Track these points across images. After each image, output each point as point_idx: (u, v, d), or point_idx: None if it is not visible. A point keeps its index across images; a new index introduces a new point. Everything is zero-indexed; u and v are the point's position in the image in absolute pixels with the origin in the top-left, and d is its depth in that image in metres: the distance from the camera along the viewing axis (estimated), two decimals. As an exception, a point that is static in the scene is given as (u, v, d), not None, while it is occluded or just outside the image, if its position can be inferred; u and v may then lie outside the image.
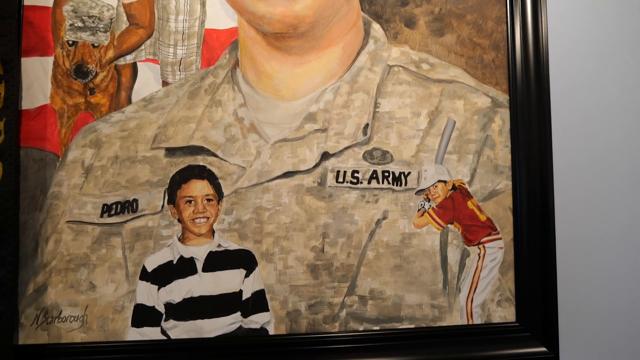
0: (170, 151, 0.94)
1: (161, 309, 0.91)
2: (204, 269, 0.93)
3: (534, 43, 1.00)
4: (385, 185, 0.97)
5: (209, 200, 0.93)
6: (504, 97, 1.00)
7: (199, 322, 0.92)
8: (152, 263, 0.92)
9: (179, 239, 0.93)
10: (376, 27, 0.99)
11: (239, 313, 0.93)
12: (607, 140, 1.04)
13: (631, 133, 1.05)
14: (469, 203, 0.99)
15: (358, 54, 0.98)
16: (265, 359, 0.92)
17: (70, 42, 0.92)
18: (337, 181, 0.96)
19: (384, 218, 0.97)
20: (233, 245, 0.94)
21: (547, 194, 0.99)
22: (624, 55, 1.05)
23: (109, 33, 0.94)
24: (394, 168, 0.98)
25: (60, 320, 0.90)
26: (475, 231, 0.99)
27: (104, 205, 0.92)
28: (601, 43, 1.05)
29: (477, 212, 0.99)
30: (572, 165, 1.03)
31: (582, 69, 1.04)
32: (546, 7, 1.00)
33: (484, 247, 0.99)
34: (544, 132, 0.99)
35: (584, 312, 1.04)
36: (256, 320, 0.94)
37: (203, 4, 0.95)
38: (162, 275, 0.92)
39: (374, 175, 0.97)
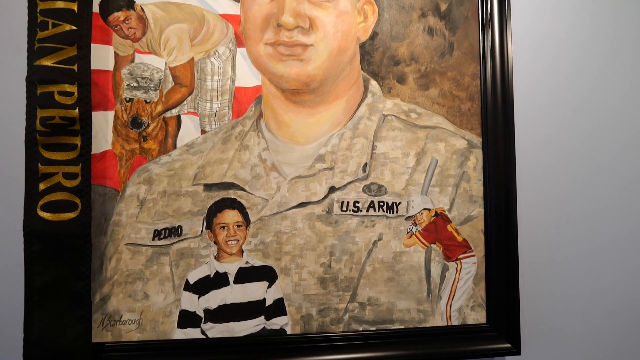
0: (208, 187, 1.00)
1: (201, 313, 0.98)
2: (235, 282, 1.00)
3: (502, 95, 1.07)
4: (381, 213, 1.04)
5: (238, 226, 1.00)
6: (477, 140, 1.07)
7: (231, 324, 0.99)
8: (193, 277, 0.99)
9: (215, 258, 1.00)
10: (374, 83, 1.05)
11: (263, 317, 1.00)
12: (563, 175, 1.15)
13: (583, 170, 1.15)
14: (449, 227, 1.06)
15: (359, 105, 1.05)
16: (284, 354, 0.99)
17: (127, 99, 0.99)
18: (341, 210, 1.03)
19: (379, 239, 1.04)
20: (258, 262, 1.01)
21: (511, 219, 1.07)
22: (582, 106, 1.15)
23: (158, 91, 1.00)
24: (388, 199, 1.04)
25: (120, 323, 0.97)
26: (454, 250, 1.06)
27: (155, 230, 0.98)
28: (560, 95, 1.15)
29: (455, 234, 1.06)
30: (533, 197, 1.13)
31: (543, 116, 1.14)
32: (512, 65, 1.08)
33: (460, 262, 1.06)
34: (509, 168, 1.07)
35: (542, 315, 1.13)
36: (276, 323, 1.01)
37: (233, 67, 1.02)
38: (202, 287, 0.99)
39: (372, 205, 1.04)
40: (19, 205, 0.92)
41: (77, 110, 0.92)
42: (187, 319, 0.99)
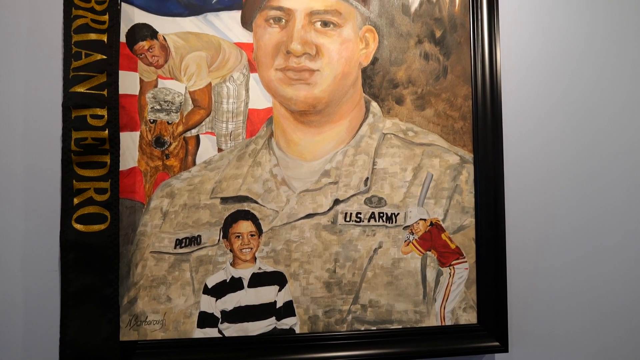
0: (224, 200, 1.04)
1: (218, 314, 1.03)
2: (249, 286, 1.04)
3: (491, 115, 1.12)
4: (381, 223, 1.08)
5: (252, 235, 1.04)
6: (469, 156, 1.11)
7: (245, 324, 1.03)
8: (211, 281, 1.03)
9: (231, 264, 1.04)
10: (374, 105, 1.10)
11: (274, 317, 1.04)
12: (549, 188, 1.19)
13: (567, 181, 1.19)
14: (443, 235, 1.10)
15: (361, 125, 1.09)
16: (293, 351, 1.03)
17: (151, 121, 1.04)
18: (345, 220, 1.07)
19: (380, 247, 1.08)
20: (269, 268, 1.05)
21: (500, 228, 1.11)
22: (566, 122, 1.20)
23: (179, 113, 1.05)
24: (387, 210, 1.08)
25: (146, 323, 1.02)
26: (447, 256, 1.10)
27: (177, 239, 1.03)
28: (546, 113, 1.19)
29: (449, 242, 1.10)
30: (520, 207, 1.18)
31: (530, 134, 1.19)
32: (501, 87, 1.12)
33: (453, 268, 1.10)
34: (498, 181, 1.11)
35: (528, 316, 1.18)
36: (286, 323, 1.05)
37: (247, 90, 1.07)
38: (219, 290, 1.03)
39: (372, 216, 1.08)
40: (56, 217, 1.00)
41: (106, 132, 0.99)
42: (206, 319, 1.04)
